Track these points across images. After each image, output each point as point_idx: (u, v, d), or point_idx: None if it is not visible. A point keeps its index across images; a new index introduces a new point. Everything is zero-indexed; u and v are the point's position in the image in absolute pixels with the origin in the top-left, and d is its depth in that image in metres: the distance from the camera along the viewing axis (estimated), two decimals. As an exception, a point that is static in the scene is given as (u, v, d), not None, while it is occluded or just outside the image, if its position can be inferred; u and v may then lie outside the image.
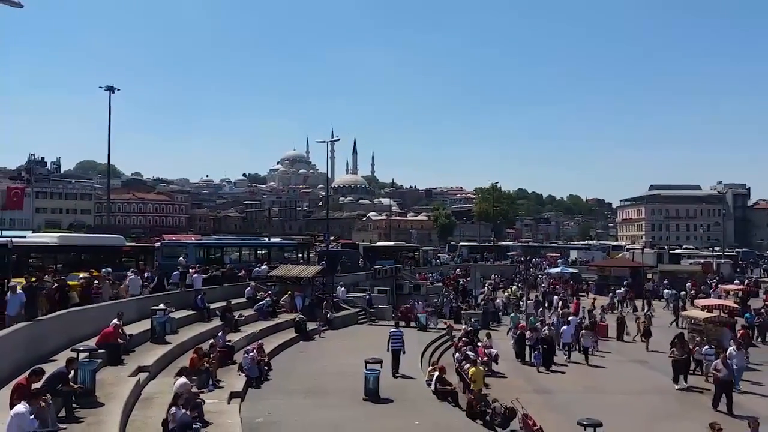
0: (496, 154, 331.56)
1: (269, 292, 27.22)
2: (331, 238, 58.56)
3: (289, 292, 27.81)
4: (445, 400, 15.68)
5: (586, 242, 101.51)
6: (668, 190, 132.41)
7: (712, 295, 37.35)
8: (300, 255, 42.37)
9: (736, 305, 30.78)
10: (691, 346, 20.53)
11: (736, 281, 46.33)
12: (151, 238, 57.58)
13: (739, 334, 22.94)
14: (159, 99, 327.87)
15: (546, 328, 23.85)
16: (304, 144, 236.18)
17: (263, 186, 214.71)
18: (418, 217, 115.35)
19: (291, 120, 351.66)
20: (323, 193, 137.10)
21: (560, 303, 34.09)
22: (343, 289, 32.27)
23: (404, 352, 18.68)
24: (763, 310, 30.42)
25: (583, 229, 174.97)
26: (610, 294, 40.09)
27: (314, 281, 29.88)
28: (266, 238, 51.60)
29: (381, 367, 15.93)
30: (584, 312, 30.47)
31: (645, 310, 33.71)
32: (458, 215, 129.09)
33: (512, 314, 31.11)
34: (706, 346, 20.15)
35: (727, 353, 17.51)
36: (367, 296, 32.07)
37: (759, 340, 27.18)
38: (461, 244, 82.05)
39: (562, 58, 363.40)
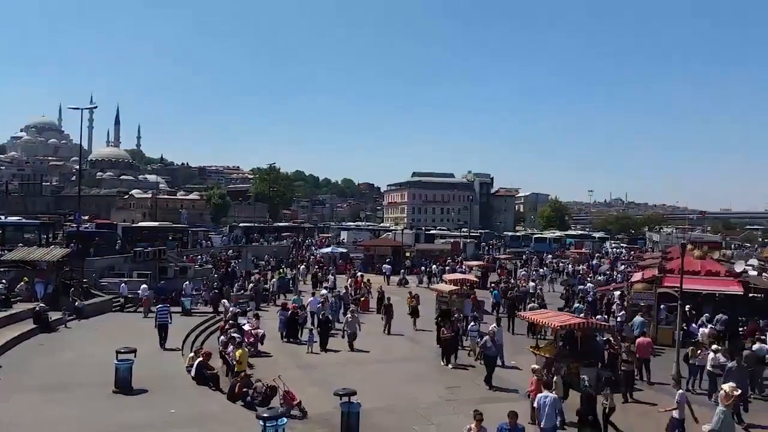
0: (275, 136, 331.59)
1: (2, 280, 23.47)
2: (85, 217, 52.50)
3: (25, 279, 24.20)
4: (205, 385, 15.13)
5: (356, 223, 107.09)
6: (427, 177, 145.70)
7: (458, 270, 42.39)
8: (45, 236, 37.25)
9: (477, 279, 35.37)
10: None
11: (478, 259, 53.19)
12: None
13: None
14: None
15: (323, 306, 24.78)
16: (56, 111, 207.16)
17: (1, 156, 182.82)
18: (190, 197, 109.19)
19: (41, 84, 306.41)
20: (77, 167, 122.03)
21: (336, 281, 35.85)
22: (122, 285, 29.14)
23: (171, 323, 20.59)
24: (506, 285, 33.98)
25: (354, 212, 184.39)
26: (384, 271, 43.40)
27: (61, 265, 26.43)
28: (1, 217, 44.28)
29: (135, 357, 14.77)
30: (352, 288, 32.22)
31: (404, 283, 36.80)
32: (234, 195, 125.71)
33: (294, 297, 30.87)
34: (472, 323, 21.89)
35: (490, 330, 18.77)
36: (123, 282, 29.51)
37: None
38: (232, 224, 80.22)
39: (327, 48, 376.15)
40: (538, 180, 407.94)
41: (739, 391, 12.21)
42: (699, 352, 17.01)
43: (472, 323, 21.83)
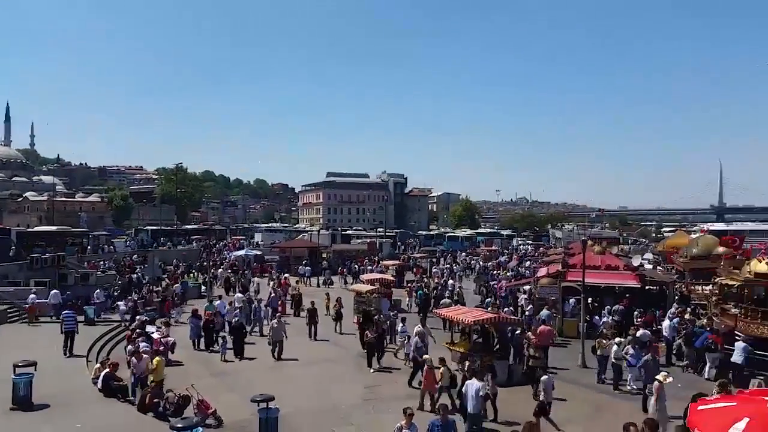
0: (182, 134, 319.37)
1: None
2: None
3: None
4: (113, 397, 14.36)
5: (271, 225, 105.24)
6: (342, 178, 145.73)
7: (375, 270, 42.78)
8: None
9: (393, 278, 35.83)
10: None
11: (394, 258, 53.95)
12: None
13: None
14: None
15: (237, 312, 24.07)
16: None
17: None
18: (89, 199, 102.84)
19: None
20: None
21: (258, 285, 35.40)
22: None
23: (77, 333, 19.89)
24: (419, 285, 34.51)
25: (268, 213, 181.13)
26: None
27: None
28: None
29: (35, 370, 13.80)
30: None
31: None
32: (138, 197, 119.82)
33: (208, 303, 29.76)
34: (401, 324, 21.42)
35: (416, 331, 18.76)
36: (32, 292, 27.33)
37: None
38: (138, 227, 76.51)
39: (236, 46, 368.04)
40: (449, 180, 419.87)
41: (671, 378, 13.19)
42: (605, 343, 17.94)
43: (401, 324, 21.47)
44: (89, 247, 51.52)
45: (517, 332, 19.21)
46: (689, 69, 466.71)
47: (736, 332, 20.99)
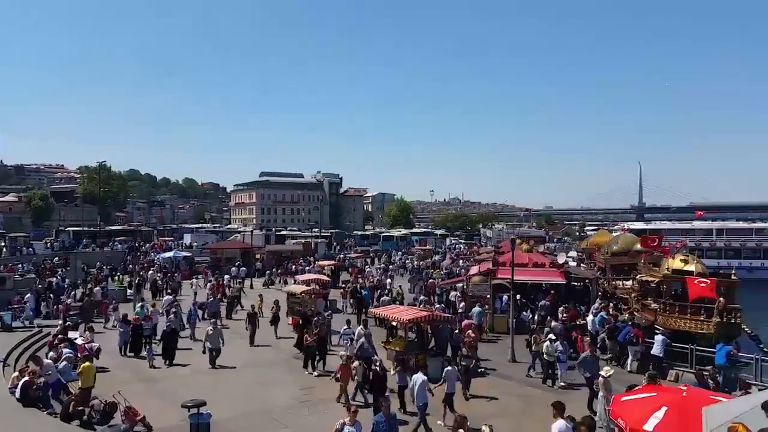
0: (106, 132, 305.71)
1: None
2: None
3: None
4: (33, 407, 13.55)
5: (200, 225, 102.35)
6: (277, 177, 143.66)
7: (310, 271, 42.50)
8: None
9: (329, 278, 35.66)
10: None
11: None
12: None
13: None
14: None
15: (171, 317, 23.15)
16: None
17: None
18: (5, 198, 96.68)
19: None
20: None
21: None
22: None
23: None
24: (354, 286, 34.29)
25: (198, 213, 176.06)
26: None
27: None
28: None
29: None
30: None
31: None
32: (58, 196, 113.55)
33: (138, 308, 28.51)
34: (345, 326, 20.75)
35: (357, 334, 18.89)
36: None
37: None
38: (59, 228, 72.49)
39: (159, 41, 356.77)
40: (384, 180, 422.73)
41: (613, 372, 13.76)
42: (539, 339, 18.55)
43: (345, 326, 20.84)
44: (6, 250, 48.47)
45: (456, 332, 19.57)
46: (612, 74, 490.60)
47: (655, 326, 22.30)
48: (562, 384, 17.21)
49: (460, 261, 53.71)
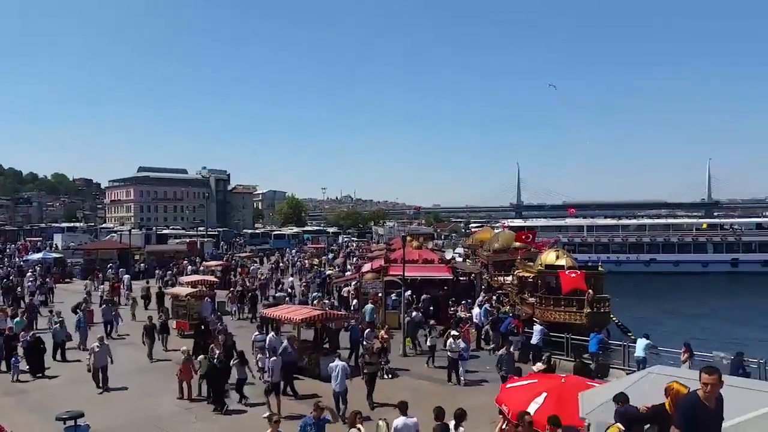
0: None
1: None
2: None
3: None
4: None
5: (72, 224, 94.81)
6: (157, 173, 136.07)
7: (197, 272, 40.72)
8: None
9: (217, 279, 34.38)
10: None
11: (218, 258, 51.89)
12: None
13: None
14: None
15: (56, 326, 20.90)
16: None
17: None
18: None
19: None
20: None
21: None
22: None
23: None
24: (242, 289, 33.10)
25: (69, 211, 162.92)
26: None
27: None
28: None
29: None
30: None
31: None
32: None
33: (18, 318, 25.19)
34: (256, 333, 19.14)
35: (268, 339, 17.77)
36: None
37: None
38: None
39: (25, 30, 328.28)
40: (275, 177, 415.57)
41: (543, 366, 14.24)
42: (447, 333, 18.92)
43: (256, 333, 19.14)
44: None
45: (367, 331, 19.32)
46: (495, 78, 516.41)
47: (534, 318, 23.80)
48: (463, 381, 17.23)
49: (354, 258, 54.02)
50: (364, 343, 18.36)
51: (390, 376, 17.84)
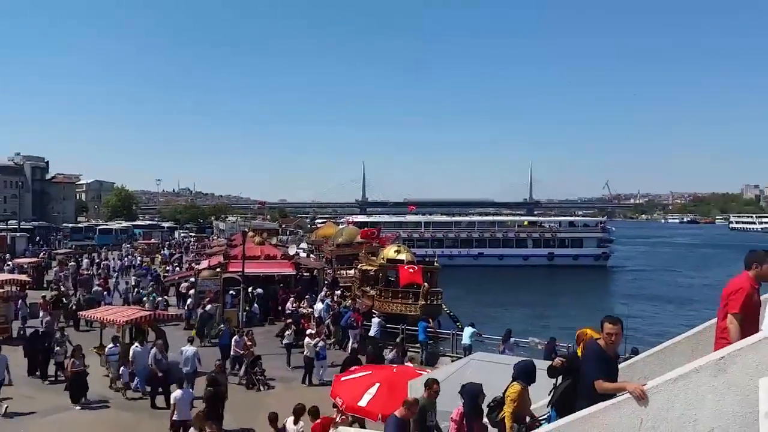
0: None
1: None
2: None
3: None
4: None
5: None
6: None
7: (5, 270, 36.05)
8: None
9: (29, 278, 30.73)
10: None
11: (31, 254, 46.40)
12: None
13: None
14: None
15: None
16: None
17: None
18: None
19: None
20: None
21: None
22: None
23: None
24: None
25: None
26: None
27: None
28: None
29: None
30: None
31: None
32: None
33: None
34: (111, 345, 16.25)
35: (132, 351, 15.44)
36: None
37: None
38: None
39: None
40: (102, 167, 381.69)
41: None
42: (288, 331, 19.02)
43: (111, 345, 16.20)
44: None
45: (234, 338, 17.68)
46: (332, 78, 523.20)
47: (373, 310, 24.46)
48: (316, 382, 16.71)
49: (192, 254, 51.49)
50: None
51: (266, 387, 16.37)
